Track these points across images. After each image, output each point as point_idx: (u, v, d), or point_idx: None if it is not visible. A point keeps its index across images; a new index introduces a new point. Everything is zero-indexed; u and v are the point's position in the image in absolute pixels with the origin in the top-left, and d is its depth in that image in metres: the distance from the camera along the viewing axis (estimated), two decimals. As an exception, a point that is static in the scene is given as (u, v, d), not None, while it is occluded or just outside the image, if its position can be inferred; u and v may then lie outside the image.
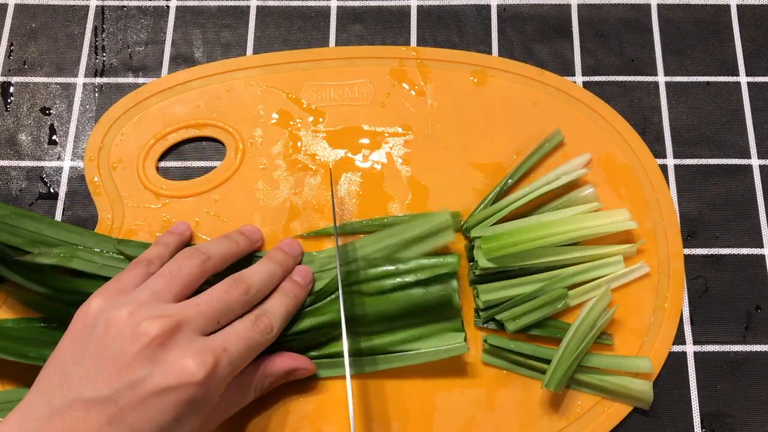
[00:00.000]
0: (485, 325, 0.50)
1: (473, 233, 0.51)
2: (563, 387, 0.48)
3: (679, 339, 0.51)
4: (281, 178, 0.55)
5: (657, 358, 0.50)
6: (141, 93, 0.57)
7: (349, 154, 0.55)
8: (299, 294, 0.47)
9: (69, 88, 0.58)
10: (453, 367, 0.49)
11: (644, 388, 0.48)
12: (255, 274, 0.45)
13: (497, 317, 0.49)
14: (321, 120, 0.56)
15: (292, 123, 0.56)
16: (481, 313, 0.50)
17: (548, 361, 0.48)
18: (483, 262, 0.49)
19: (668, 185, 0.56)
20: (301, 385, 0.49)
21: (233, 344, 0.40)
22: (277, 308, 0.44)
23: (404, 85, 0.58)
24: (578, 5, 0.61)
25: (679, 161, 0.56)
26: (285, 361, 0.46)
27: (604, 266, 0.51)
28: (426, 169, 0.55)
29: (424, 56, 0.58)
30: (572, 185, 0.53)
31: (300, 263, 0.50)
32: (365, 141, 0.56)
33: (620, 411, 0.49)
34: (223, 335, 0.40)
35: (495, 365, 0.50)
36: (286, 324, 0.45)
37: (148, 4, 0.61)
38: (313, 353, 0.48)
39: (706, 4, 0.62)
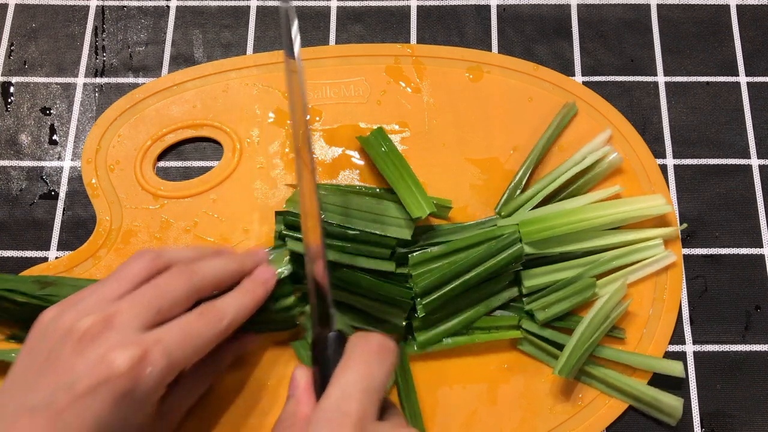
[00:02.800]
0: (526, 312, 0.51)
1: (510, 221, 0.52)
2: (573, 376, 0.48)
3: (679, 339, 0.51)
4: (279, 177, 0.55)
5: (657, 350, 0.50)
6: (137, 94, 0.57)
7: (347, 152, 0.56)
8: (257, 291, 0.44)
9: (69, 88, 0.58)
10: (454, 362, 0.50)
11: (674, 404, 0.48)
12: (205, 264, 0.43)
13: (527, 308, 0.50)
14: (318, 119, 0.56)
15: (289, 122, 0.56)
16: (524, 299, 0.50)
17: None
18: (525, 248, 0.50)
19: (668, 185, 0.56)
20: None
21: (170, 335, 0.38)
22: (228, 302, 0.42)
23: (400, 82, 0.58)
24: (578, 5, 0.61)
25: (678, 161, 0.56)
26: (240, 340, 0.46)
27: (643, 250, 0.51)
28: (423, 165, 0.55)
29: (420, 53, 0.59)
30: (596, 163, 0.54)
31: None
32: (362, 138, 0.56)
33: (620, 404, 0.49)
34: (161, 328, 0.38)
35: (530, 354, 0.50)
36: (244, 320, 0.43)
37: (148, 4, 0.61)
38: None
39: (706, 4, 0.62)
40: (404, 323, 0.48)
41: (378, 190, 0.53)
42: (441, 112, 0.57)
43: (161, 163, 0.56)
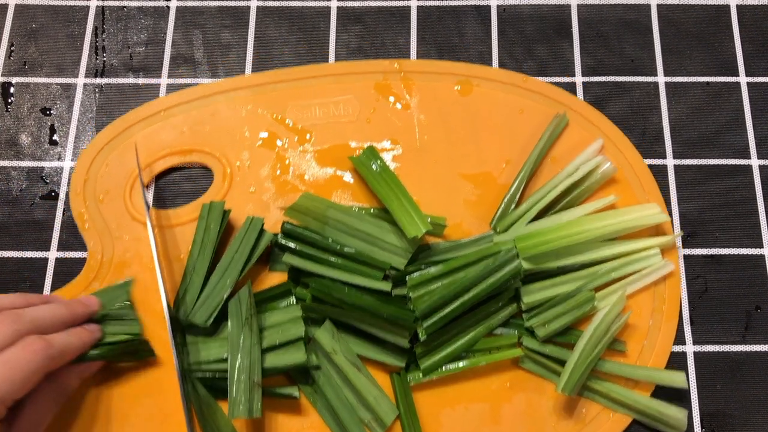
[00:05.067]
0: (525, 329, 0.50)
1: (506, 236, 0.51)
2: (576, 392, 0.47)
3: (679, 339, 0.51)
4: (271, 201, 0.54)
5: (658, 361, 0.50)
6: (123, 122, 0.56)
7: (338, 172, 0.55)
8: (83, 335, 0.46)
9: (69, 89, 0.58)
10: (455, 382, 0.49)
11: (679, 416, 0.47)
12: (32, 309, 0.45)
13: (526, 324, 0.49)
14: (308, 139, 0.56)
15: (279, 143, 0.55)
16: (524, 315, 0.50)
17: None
18: (523, 264, 0.49)
19: (668, 185, 0.56)
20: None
21: None
22: (56, 336, 0.44)
23: (390, 98, 0.57)
24: (578, 5, 0.61)
25: (679, 161, 0.56)
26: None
27: (641, 260, 0.51)
28: (416, 182, 0.54)
29: (408, 68, 0.58)
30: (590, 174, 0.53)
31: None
32: (354, 158, 0.55)
33: (624, 418, 0.48)
34: None
35: (532, 371, 0.49)
36: (72, 356, 0.45)
37: (148, 4, 0.61)
38: None
39: (706, 4, 0.62)
40: (408, 345, 0.47)
41: (372, 210, 0.53)
42: (432, 128, 0.56)
43: (151, 192, 0.55)
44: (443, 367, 0.48)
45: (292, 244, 0.50)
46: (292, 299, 0.50)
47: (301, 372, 0.49)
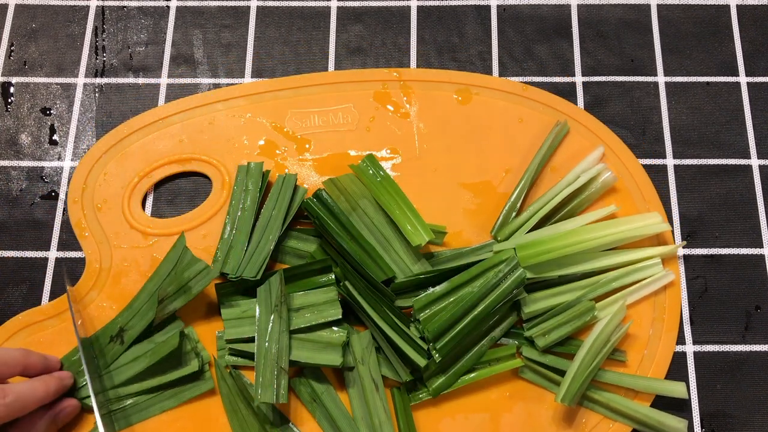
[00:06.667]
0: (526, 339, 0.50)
1: (507, 245, 0.51)
2: (576, 403, 0.47)
3: (679, 339, 0.51)
4: None
5: (658, 371, 0.50)
6: (122, 130, 0.56)
7: None
8: (50, 381, 0.46)
9: (69, 89, 0.58)
10: (455, 392, 0.49)
11: (679, 426, 0.47)
12: (15, 384, 0.45)
13: (526, 334, 0.49)
14: (307, 147, 0.55)
15: (278, 152, 0.55)
16: (524, 325, 0.49)
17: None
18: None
19: (668, 185, 0.56)
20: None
21: None
22: (16, 384, 0.44)
23: (389, 107, 0.57)
24: (578, 5, 0.61)
25: (679, 161, 0.56)
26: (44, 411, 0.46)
27: (641, 270, 0.51)
28: (416, 191, 0.54)
29: (407, 77, 0.58)
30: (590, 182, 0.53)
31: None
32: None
33: (624, 428, 0.48)
34: None
35: (531, 380, 0.49)
36: (33, 403, 0.44)
37: (148, 4, 0.61)
38: None
39: (706, 4, 0.62)
40: (424, 363, 0.47)
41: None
42: (431, 137, 0.56)
43: (150, 200, 0.55)
44: (452, 384, 0.48)
45: (318, 209, 0.51)
46: (331, 276, 0.50)
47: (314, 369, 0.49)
